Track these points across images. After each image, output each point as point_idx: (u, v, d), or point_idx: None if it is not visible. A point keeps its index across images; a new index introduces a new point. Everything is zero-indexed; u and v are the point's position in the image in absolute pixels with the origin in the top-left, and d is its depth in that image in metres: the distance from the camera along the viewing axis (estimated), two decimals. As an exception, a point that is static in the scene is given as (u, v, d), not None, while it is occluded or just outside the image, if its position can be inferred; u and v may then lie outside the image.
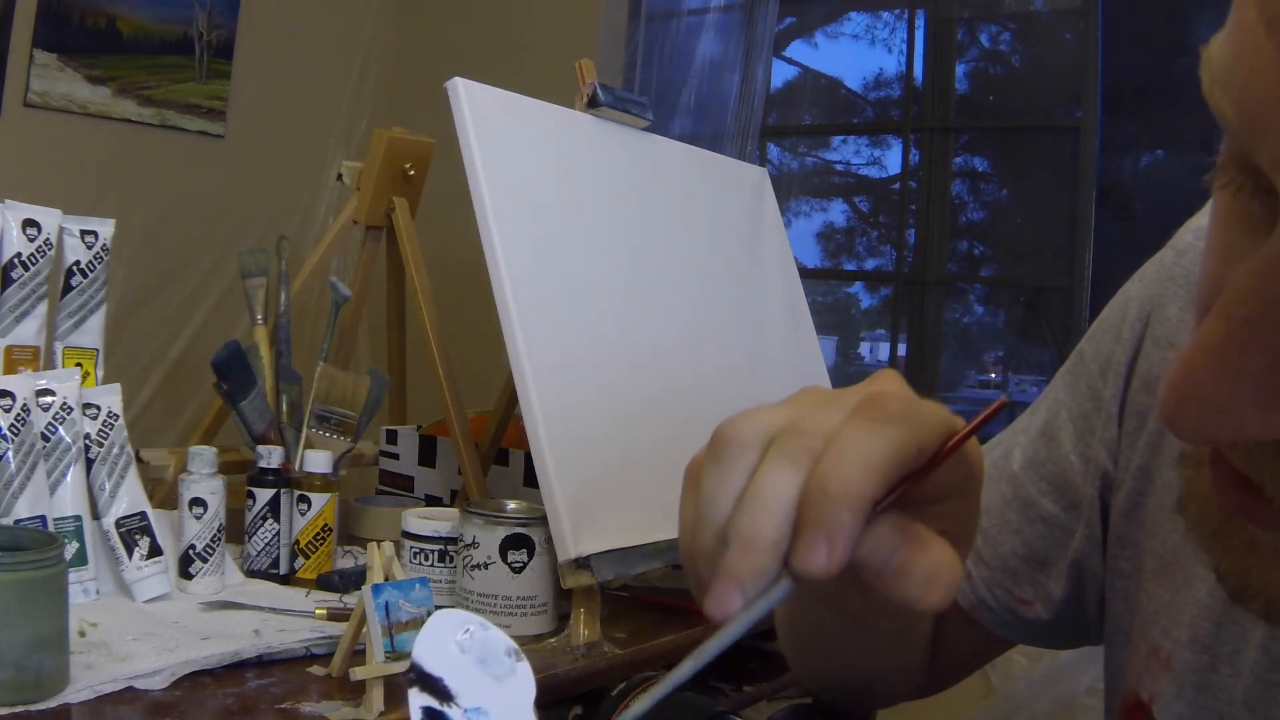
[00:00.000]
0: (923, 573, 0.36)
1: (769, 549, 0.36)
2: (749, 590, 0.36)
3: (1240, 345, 0.27)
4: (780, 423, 0.38)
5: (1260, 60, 0.26)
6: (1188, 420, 0.29)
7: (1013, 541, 0.61)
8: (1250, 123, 0.27)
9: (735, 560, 0.36)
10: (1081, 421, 0.59)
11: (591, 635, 0.94)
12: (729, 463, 0.38)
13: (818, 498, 0.35)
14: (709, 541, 0.38)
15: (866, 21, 2.92)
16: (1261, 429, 0.28)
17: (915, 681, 0.66)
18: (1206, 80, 0.29)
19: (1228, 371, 0.28)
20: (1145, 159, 2.65)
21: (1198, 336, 0.29)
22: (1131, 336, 0.57)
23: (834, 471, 0.35)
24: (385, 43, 3.19)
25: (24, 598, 0.70)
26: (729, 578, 0.36)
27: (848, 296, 3.11)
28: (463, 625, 0.38)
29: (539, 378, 0.95)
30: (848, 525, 0.35)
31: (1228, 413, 0.28)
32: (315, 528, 1.05)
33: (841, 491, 0.35)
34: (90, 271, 1.01)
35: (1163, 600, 0.53)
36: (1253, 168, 0.28)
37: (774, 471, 0.37)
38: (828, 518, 0.35)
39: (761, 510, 0.36)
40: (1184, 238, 0.57)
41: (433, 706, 0.37)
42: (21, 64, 2.49)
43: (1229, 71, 0.27)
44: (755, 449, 0.38)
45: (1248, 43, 0.26)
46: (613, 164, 1.16)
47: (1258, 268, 0.27)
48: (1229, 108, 0.28)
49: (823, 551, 0.35)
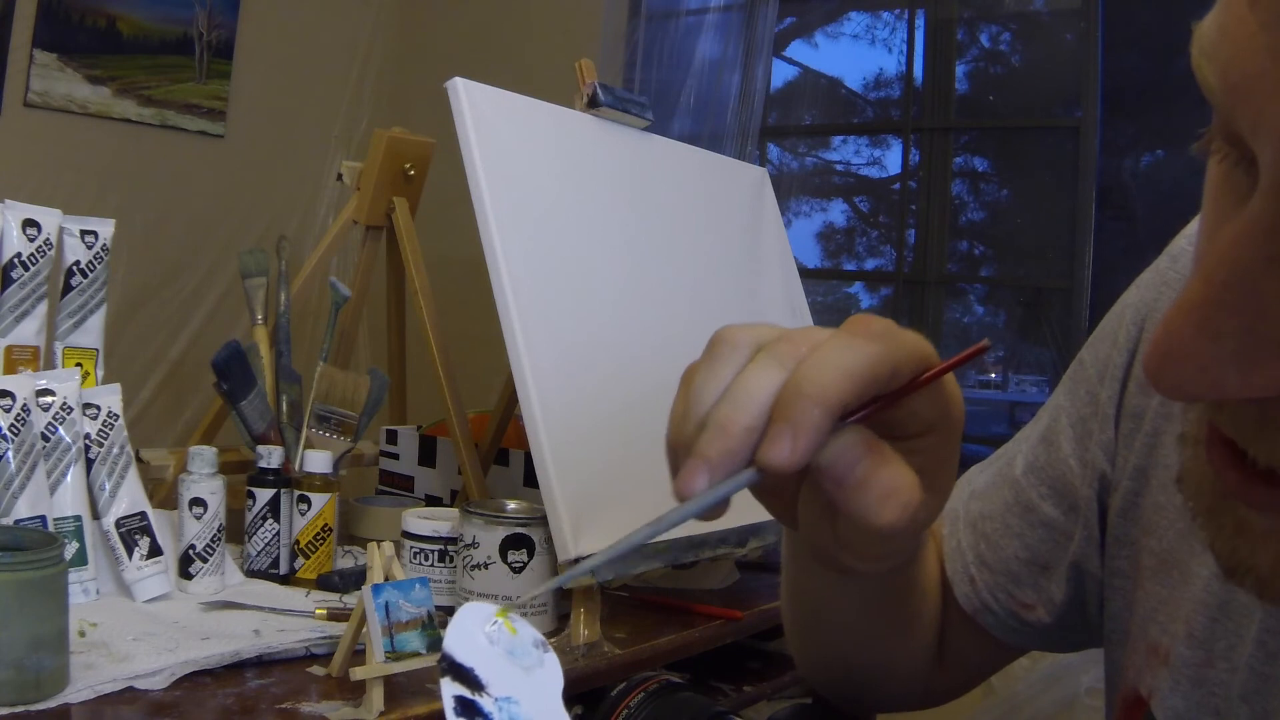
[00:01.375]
0: (881, 487, 0.39)
1: (740, 435, 0.38)
2: (716, 472, 0.38)
3: (1218, 305, 0.28)
4: (773, 333, 0.41)
5: (1242, 34, 0.27)
6: (1169, 377, 0.30)
7: (1015, 545, 0.62)
8: (1232, 93, 0.28)
9: (707, 443, 0.39)
10: (1080, 426, 0.60)
11: (591, 635, 0.94)
12: (720, 360, 0.41)
13: (790, 396, 0.38)
14: (689, 431, 0.40)
15: (866, 21, 2.92)
16: (1240, 386, 0.29)
17: (920, 682, 0.66)
18: (1195, 54, 0.30)
19: (1206, 330, 0.29)
20: (1145, 159, 2.65)
21: (1180, 298, 0.30)
22: (1127, 340, 0.58)
23: (809, 375, 0.38)
24: (385, 43, 3.19)
25: (24, 598, 0.70)
26: (698, 458, 0.39)
27: (848, 296, 3.11)
28: (490, 617, 0.39)
29: (539, 378, 0.95)
30: (815, 422, 0.37)
31: (1208, 370, 0.29)
32: (315, 528, 1.05)
33: (813, 391, 0.38)
34: (90, 271, 1.01)
35: (1161, 597, 0.53)
36: (1236, 137, 0.29)
37: (758, 370, 0.39)
38: (797, 413, 0.37)
39: (739, 400, 0.39)
40: (1179, 244, 0.58)
41: (465, 696, 0.38)
42: (21, 64, 2.49)
43: (1214, 45, 0.29)
44: (747, 350, 0.41)
45: (1232, 17, 0.28)
46: (613, 164, 1.16)
47: (1234, 232, 0.28)
48: (1214, 79, 0.29)
49: (787, 444, 0.37)
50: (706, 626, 1.04)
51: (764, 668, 1.12)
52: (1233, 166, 0.31)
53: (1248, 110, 0.28)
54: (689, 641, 1.01)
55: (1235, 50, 0.27)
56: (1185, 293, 0.30)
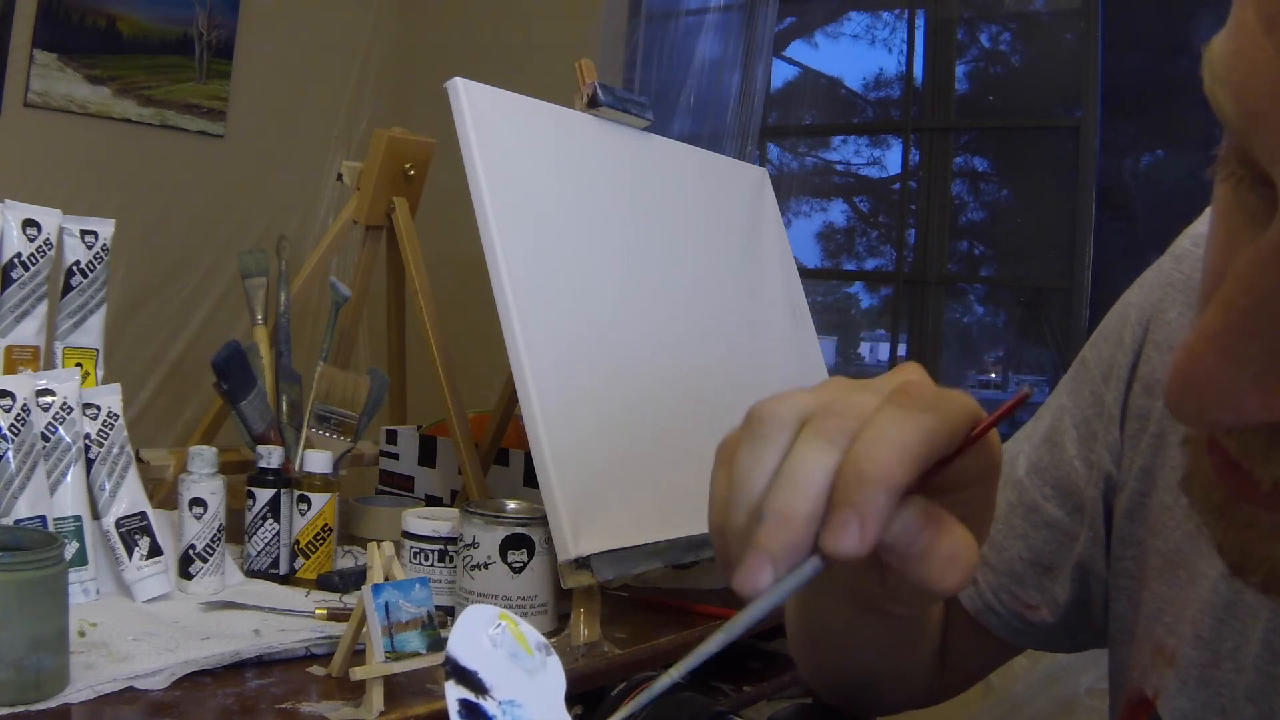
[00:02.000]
0: (944, 555, 0.37)
1: (803, 524, 0.36)
2: (779, 566, 0.37)
3: (1241, 332, 0.28)
4: (815, 404, 0.39)
5: (1258, 58, 0.27)
6: (1191, 404, 0.30)
7: (1018, 546, 0.62)
8: (1249, 119, 0.28)
9: (769, 535, 0.37)
10: (1084, 426, 0.60)
11: (591, 635, 0.94)
12: (765, 440, 0.39)
13: (853, 479, 0.36)
14: (741, 518, 0.38)
15: (866, 21, 2.92)
16: (1262, 411, 0.29)
17: (922, 686, 0.66)
18: (1208, 78, 0.29)
19: (1229, 357, 0.29)
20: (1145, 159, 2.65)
21: (1200, 324, 0.30)
22: (1132, 341, 0.58)
23: (869, 454, 0.36)
24: (385, 43, 3.19)
25: (24, 598, 0.70)
26: (761, 552, 0.37)
27: (848, 296, 3.11)
28: (494, 620, 0.39)
29: (539, 378, 0.95)
30: (881, 507, 0.36)
31: (1230, 396, 0.29)
32: (315, 528, 1.05)
33: (877, 474, 0.36)
34: (90, 271, 1.01)
35: (1167, 598, 0.53)
36: (1252, 161, 0.29)
37: (809, 449, 0.37)
38: (862, 499, 0.36)
39: (797, 486, 0.37)
40: (1182, 244, 0.57)
41: (470, 699, 0.37)
42: (21, 64, 2.49)
43: (1229, 69, 0.28)
44: (790, 427, 0.39)
45: (1246, 41, 0.27)
46: (613, 164, 1.16)
47: (1256, 257, 0.28)
48: (1229, 104, 0.29)
49: (855, 531, 0.36)
50: (706, 626, 1.04)
51: (764, 668, 1.12)
52: (1248, 190, 0.31)
53: (1267, 137, 0.27)
54: (689, 641, 1.01)
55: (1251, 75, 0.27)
56: (1206, 319, 0.29)
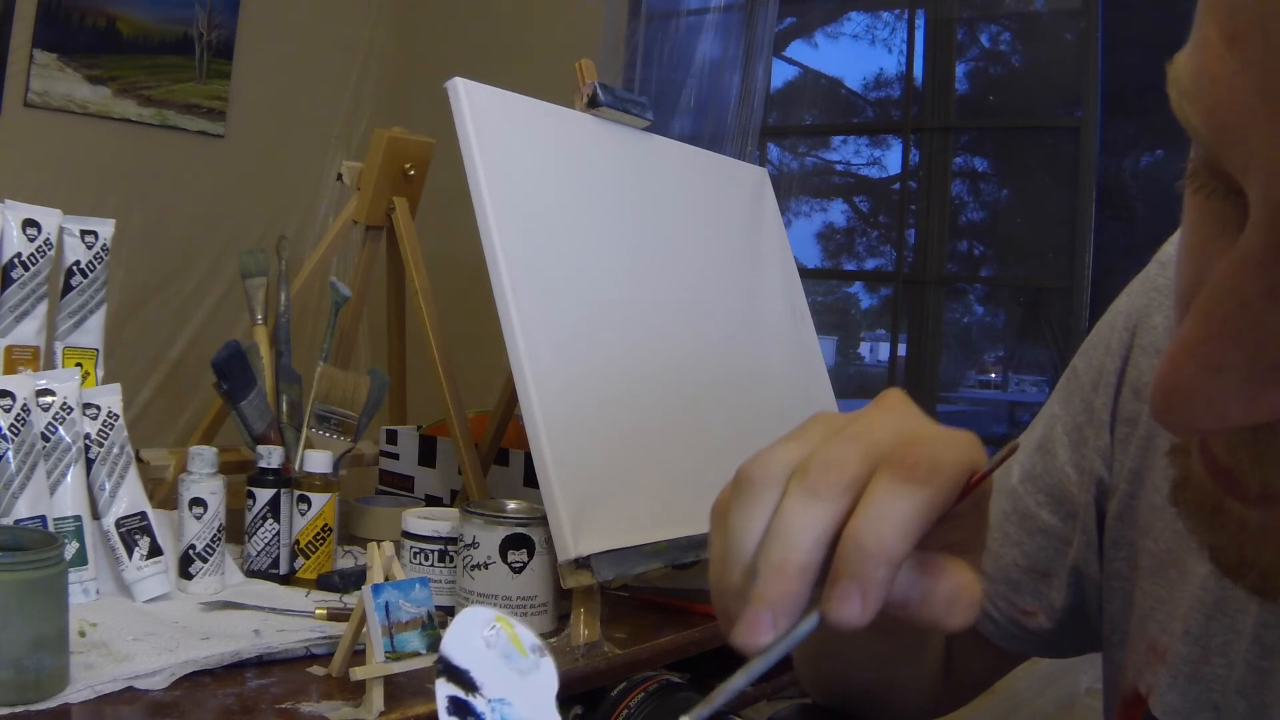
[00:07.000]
0: (944, 597, 0.38)
1: (797, 575, 0.37)
2: (779, 618, 0.37)
3: (1221, 340, 0.29)
4: (799, 458, 0.40)
5: (1222, 74, 0.27)
6: (1177, 414, 0.30)
7: (1013, 554, 0.63)
8: (1217, 133, 0.28)
9: (764, 586, 0.38)
10: (1076, 434, 0.61)
11: (591, 635, 0.94)
12: (753, 499, 0.40)
13: (854, 553, 0.37)
14: (736, 576, 0.39)
15: (866, 21, 2.92)
16: (1245, 414, 0.29)
17: (929, 698, 0.67)
18: (1174, 95, 0.30)
19: (1210, 365, 0.29)
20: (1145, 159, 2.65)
21: (1181, 334, 0.30)
22: (1120, 346, 0.59)
23: (869, 528, 0.37)
24: (385, 43, 3.19)
25: (24, 598, 0.70)
26: (759, 605, 0.37)
27: (848, 296, 3.11)
28: (489, 621, 0.40)
29: (539, 378, 0.95)
30: (883, 579, 0.37)
31: (1214, 404, 0.29)
32: (315, 528, 1.05)
33: (877, 549, 0.36)
34: (90, 271, 1.01)
35: (1159, 597, 0.54)
36: (1222, 172, 0.30)
37: (797, 504, 0.38)
38: (863, 571, 0.37)
39: (788, 540, 0.38)
40: (1168, 250, 0.59)
41: (459, 696, 0.38)
42: (21, 64, 2.49)
43: (1195, 85, 0.29)
44: (778, 484, 0.39)
45: (1210, 58, 0.28)
46: (613, 164, 1.16)
47: (1230, 266, 0.29)
48: (1197, 119, 0.29)
49: (856, 603, 0.37)
50: (706, 626, 1.04)
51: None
52: (1220, 200, 0.31)
53: (1237, 150, 0.28)
54: (689, 641, 1.01)
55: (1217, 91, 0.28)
56: (1186, 329, 0.30)
